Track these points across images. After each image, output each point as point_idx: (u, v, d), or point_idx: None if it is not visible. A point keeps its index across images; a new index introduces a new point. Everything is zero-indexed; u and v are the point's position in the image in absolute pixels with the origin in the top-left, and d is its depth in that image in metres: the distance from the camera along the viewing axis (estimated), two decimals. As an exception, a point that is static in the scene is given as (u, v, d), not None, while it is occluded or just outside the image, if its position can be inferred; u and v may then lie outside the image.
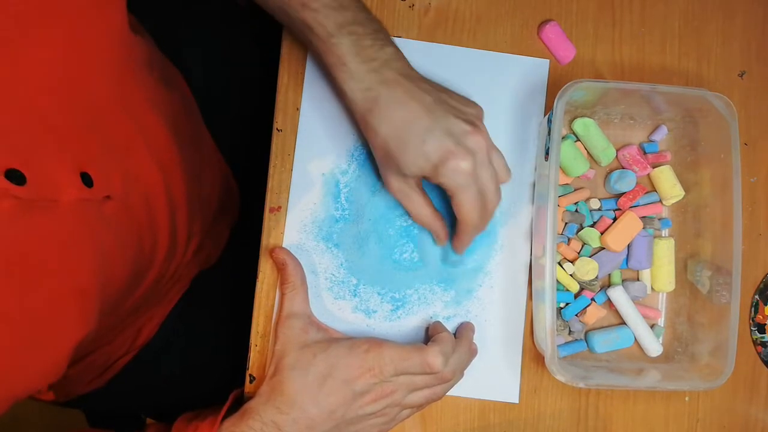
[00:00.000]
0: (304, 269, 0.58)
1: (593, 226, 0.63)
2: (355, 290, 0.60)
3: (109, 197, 0.44)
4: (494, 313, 0.61)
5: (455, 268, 0.61)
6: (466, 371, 0.58)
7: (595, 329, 0.63)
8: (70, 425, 1.23)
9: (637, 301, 0.63)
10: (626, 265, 0.63)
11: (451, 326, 0.61)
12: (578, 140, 0.63)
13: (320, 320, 0.58)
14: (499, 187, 0.54)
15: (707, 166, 0.61)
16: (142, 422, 0.83)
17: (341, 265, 0.60)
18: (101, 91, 0.45)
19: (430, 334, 0.59)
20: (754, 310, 0.64)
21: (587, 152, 0.63)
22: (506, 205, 0.62)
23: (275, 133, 0.61)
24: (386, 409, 0.54)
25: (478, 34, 0.63)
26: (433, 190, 0.58)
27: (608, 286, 0.63)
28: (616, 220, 0.62)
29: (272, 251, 0.59)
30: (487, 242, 0.61)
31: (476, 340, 0.60)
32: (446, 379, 0.55)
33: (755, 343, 0.64)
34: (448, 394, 0.57)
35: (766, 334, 0.64)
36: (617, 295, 0.61)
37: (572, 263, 0.62)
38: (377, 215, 0.61)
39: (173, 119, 0.56)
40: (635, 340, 0.62)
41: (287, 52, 0.62)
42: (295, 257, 0.58)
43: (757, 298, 0.64)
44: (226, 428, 0.52)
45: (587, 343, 0.62)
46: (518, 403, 0.61)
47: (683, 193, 0.63)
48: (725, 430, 0.63)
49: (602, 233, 0.62)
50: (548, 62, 0.64)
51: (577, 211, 0.63)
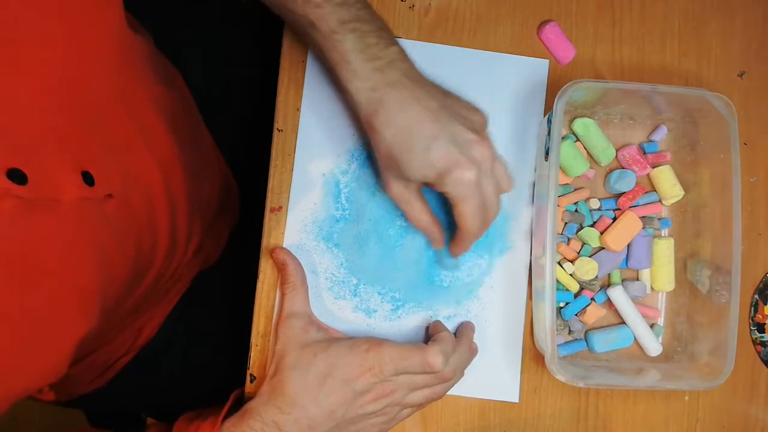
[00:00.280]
0: (304, 269, 0.58)
1: (593, 225, 0.63)
2: (355, 290, 0.60)
3: (110, 196, 0.45)
4: (494, 312, 0.61)
5: (449, 271, 0.61)
6: (466, 371, 0.58)
7: (594, 329, 0.63)
8: (70, 425, 1.23)
9: (636, 300, 0.63)
10: (626, 264, 0.63)
11: (451, 326, 0.61)
12: (578, 140, 0.63)
13: (320, 320, 0.58)
14: (500, 197, 0.54)
15: (707, 165, 0.61)
16: (142, 422, 0.83)
17: (341, 264, 0.60)
18: (101, 90, 0.45)
19: (430, 333, 0.59)
20: (753, 309, 0.64)
21: (587, 152, 0.63)
22: (506, 205, 0.62)
23: (276, 133, 0.61)
24: (386, 408, 0.54)
25: (478, 34, 0.64)
26: (430, 192, 0.58)
27: (608, 285, 0.63)
28: (615, 219, 0.62)
29: (273, 251, 0.59)
30: (488, 243, 0.62)
31: (476, 339, 0.60)
32: (446, 378, 0.55)
33: (755, 342, 0.64)
34: (448, 393, 0.58)
35: (765, 333, 0.64)
36: (617, 294, 0.61)
37: (572, 263, 0.62)
38: (377, 215, 0.61)
39: (173, 119, 0.57)
40: (635, 339, 0.62)
41: (287, 52, 0.62)
42: (295, 257, 0.58)
43: (756, 297, 0.64)
44: (227, 428, 0.52)
45: (587, 342, 0.62)
46: (518, 402, 0.61)
47: (683, 193, 0.63)
48: (725, 429, 0.63)
49: (602, 233, 0.62)
50: (548, 62, 0.64)
51: (576, 211, 0.63)
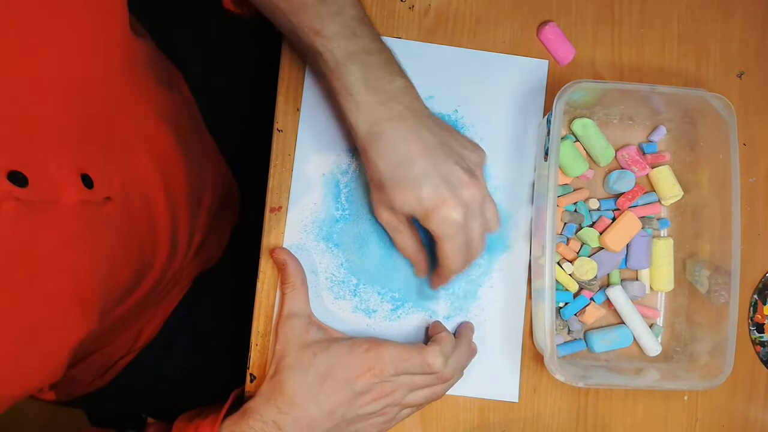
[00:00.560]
0: (304, 269, 0.59)
1: (592, 226, 0.63)
2: (355, 290, 0.60)
3: (109, 198, 0.45)
4: (494, 312, 0.61)
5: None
6: (465, 371, 0.58)
7: (594, 329, 0.63)
8: (70, 425, 1.24)
9: (636, 300, 0.63)
10: (625, 264, 0.63)
11: (451, 326, 0.61)
12: (577, 140, 0.63)
13: (320, 320, 0.58)
14: (485, 237, 0.54)
15: (706, 166, 0.61)
16: (143, 422, 0.84)
17: (341, 264, 0.60)
18: (102, 94, 0.45)
19: (430, 333, 0.59)
20: (752, 309, 0.64)
21: (586, 152, 0.63)
22: (506, 205, 0.62)
23: (276, 133, 0.61)
24: (386, 408, 0.54)
25: (477, 34, 0.64)
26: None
27: (607, 285, 0.63)
28: (615, 220, 0.63)
29: (273, 251, 0.59)
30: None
31: (476, 339, 0.60)
32: (446, 378, 0.55)
33: (754, 342, 0.64)
34: (447, 393, 0.58)
35: (764, 333, 0.64)
36: (616, 294, 0.61)
37: (571, 263, 0.62)
38: (377, 215, 0.61)
39: (173, 120, 0.57)
40: (634, 339, 0.62)
41: (287, 52, 0.62)
42: (295, 257, 0.58)
43: (755, 297, 0.65)
44: (226, 427, 0.52)
45: (586, 342, 0.62)
46: (518, 402, 0.61)
47: (682, 193, 0.63)
48: (724, 429, 0.63)
49: (601, 233, 0.62)
50: (547, 63, 0.64)
51: (576, 211, 0.63)
